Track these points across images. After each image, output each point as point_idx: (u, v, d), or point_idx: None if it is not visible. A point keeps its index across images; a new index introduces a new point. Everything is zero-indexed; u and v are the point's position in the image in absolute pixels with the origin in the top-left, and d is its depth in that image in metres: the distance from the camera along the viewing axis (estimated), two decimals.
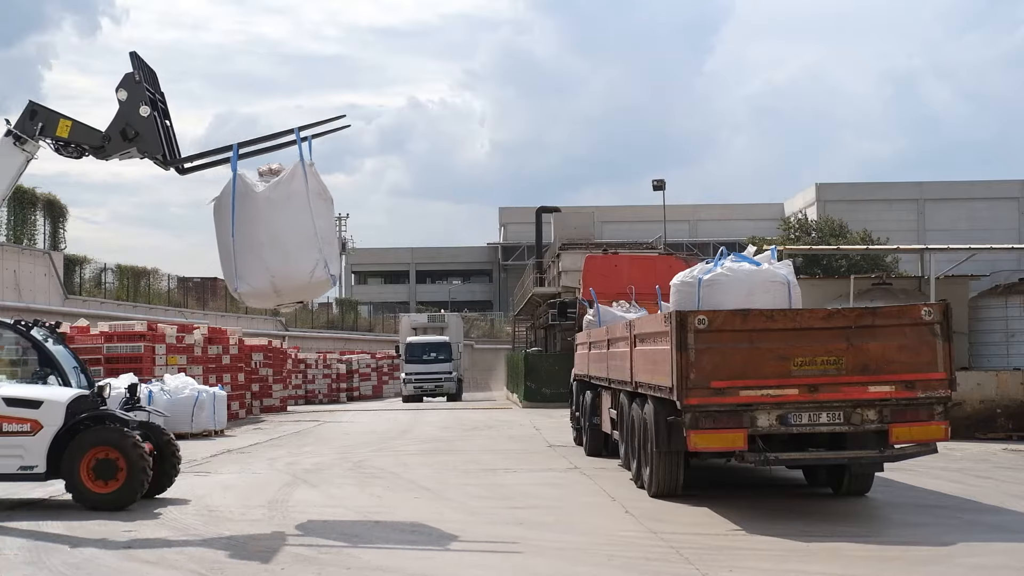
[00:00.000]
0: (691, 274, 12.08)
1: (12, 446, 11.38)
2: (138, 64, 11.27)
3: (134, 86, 11.25)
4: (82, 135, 11.40)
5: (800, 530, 10.22)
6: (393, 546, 9.67)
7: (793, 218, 55.35)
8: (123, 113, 11.23)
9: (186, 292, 48.44)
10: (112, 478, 11.41)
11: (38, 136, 11.38)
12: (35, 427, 11.42)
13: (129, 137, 11.23)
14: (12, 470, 11.45)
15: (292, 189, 10.97)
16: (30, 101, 11.56)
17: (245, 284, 10.94)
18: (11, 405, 11.47)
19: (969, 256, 25.06)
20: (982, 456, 17.05)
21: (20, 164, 11.49)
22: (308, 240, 10.87)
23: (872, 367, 10.77)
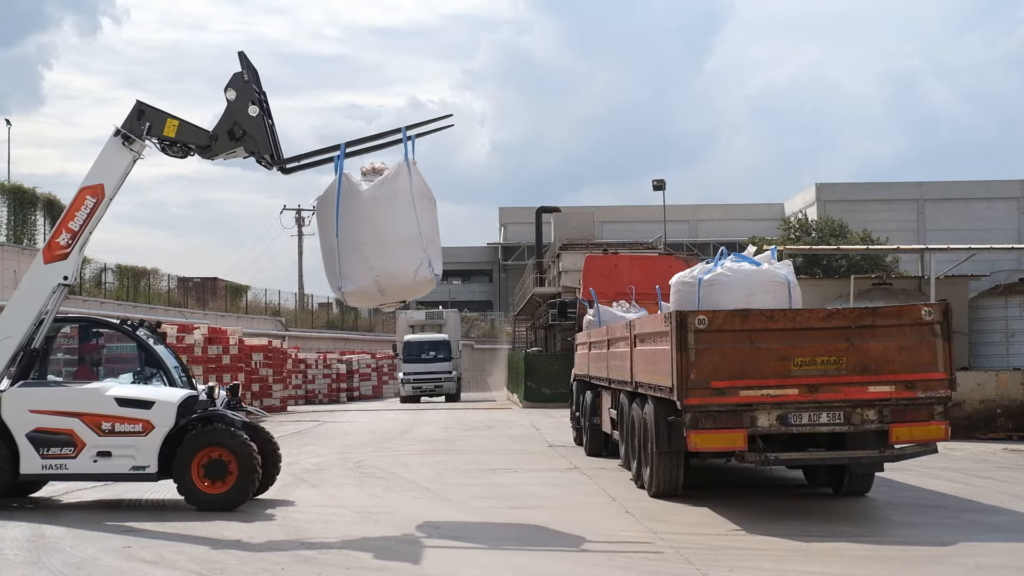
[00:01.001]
0: (691, 274, 12.09)
1: (124, 446, 11.40)
2: (245, 63, 11.33)
3: (242, 86, 11.34)
4: (189, 135, 11.53)
5: (800, 530, 10.22)
6: (393, 546, 9.67)
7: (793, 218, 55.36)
8: (231, 112, 11.34)
9: (186, 292, 48.41)
10: (223, 479, 11.38)
11: (145, 136, 11.49)
12: (147, 427, 11.44)
13: (236, 137, 11.34)
14: (124, 470, 11.47)
15: (397, 188, 11.00)
16: (137, 101, 11.65)
17: (350, 283, 10.95)
18: (123, 406, 11.50)
19: (969, 256, 25.06)
20: (982, 456, 17.05)
21: (128, 164, 11.64)
22: (412, 239, 10.91)
23: (872, 367, 10.77)
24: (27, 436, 11.41)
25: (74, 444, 11.38)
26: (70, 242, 11.56)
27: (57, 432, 11.41)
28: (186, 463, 11.35)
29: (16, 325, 11.72)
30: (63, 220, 11.64)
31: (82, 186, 11.61)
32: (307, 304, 65.87)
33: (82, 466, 11.41)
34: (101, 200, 11.57)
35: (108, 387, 11.76)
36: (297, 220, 68.73)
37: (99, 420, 11.40)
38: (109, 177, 11.58)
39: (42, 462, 11.40)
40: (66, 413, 11.45)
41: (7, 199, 34.62)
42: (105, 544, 9.70)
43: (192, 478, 11.36)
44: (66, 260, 11.58)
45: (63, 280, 11.63)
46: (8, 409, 11.48)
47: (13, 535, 10.16)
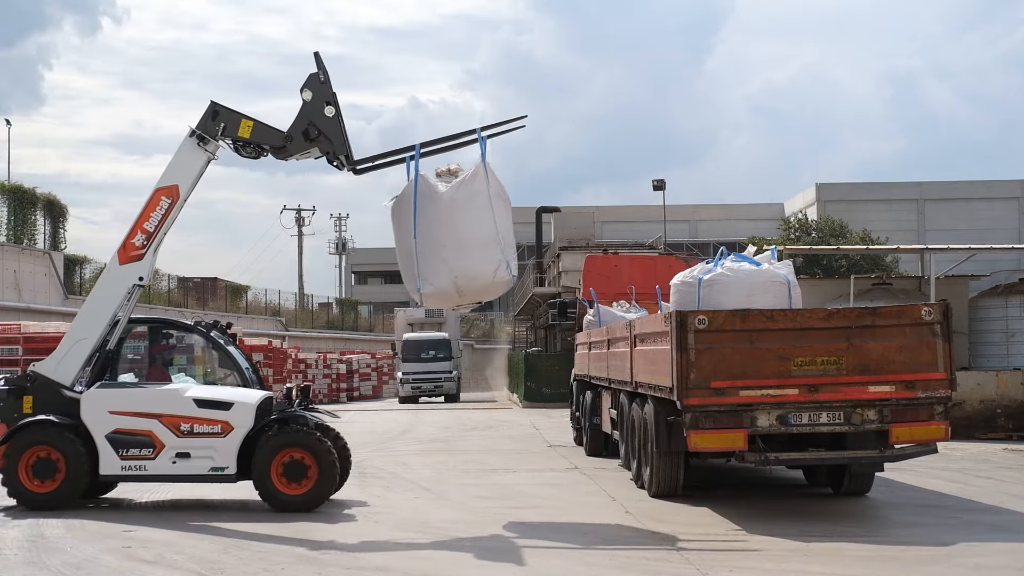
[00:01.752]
0: (691, 274, 12.08)
1: (204, 447, 11.41)
2: (320, 64, 11.38)
3: (319, 86, 11.39)
4: (264, 135, 11.58)
5: (800, 530, 10.22)
6: (393, 546, 9.67)
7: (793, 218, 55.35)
8: (306, 113, 11.37)
9: (186, 292, 48.44)
10: (302, 480, 11.34)
11: (220, 136, 11.53)
12: (226, 428, 11.43)
13: (311, 137, 11.38)
14: (203, 471, 11.47)
15: (475, 189, 11.04)
16: (212, 102, 11.68)
17: (428, 284, 10.97)
18: (202, 407, 11.50)
19: (969, 256, 25.07)
20: (982, 456, 17.05)
21: (203, 165, 11.73)
22: (490, 240, 10.95)
23: (872, 367, 10.77)
24: (106, 437, 11.42)
25: (153, 445, 11.39)
26: (145, 243, 11.63)
27: (136, 433, 11.42)
28: (265, 464, 11.31)
29: (91, 327, 11.77)
30: (138, 221, 11.68)
31: (157, 187, 11.69)
32: (307, 304, 65.92)
33: (161, 467, 11.42)
34: (176, 201, 11.66)
35: (187, 388, 11.78)
36: (297, 220, 68.83)
37: (178, 421, 11.41)
38: (184, 178, 11.68)
39: (121, 463, 11.41)
40: (145, 414, 11.46)
41: (7, 199, 34.63)
42: (105, 544, 9.70)
43: (271, 479, 11.32)
44: (141, 261, 11.63)
45: (138, 281, 11.68)
46: (88, 410, 11.50)
47: (13, 535, 10.16)
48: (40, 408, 11.57)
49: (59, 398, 11.58)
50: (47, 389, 11.62)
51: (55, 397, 11.58)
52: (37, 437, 11.40)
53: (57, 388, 11.61)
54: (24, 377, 11.89)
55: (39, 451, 11.37)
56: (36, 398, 11.61)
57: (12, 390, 11.74)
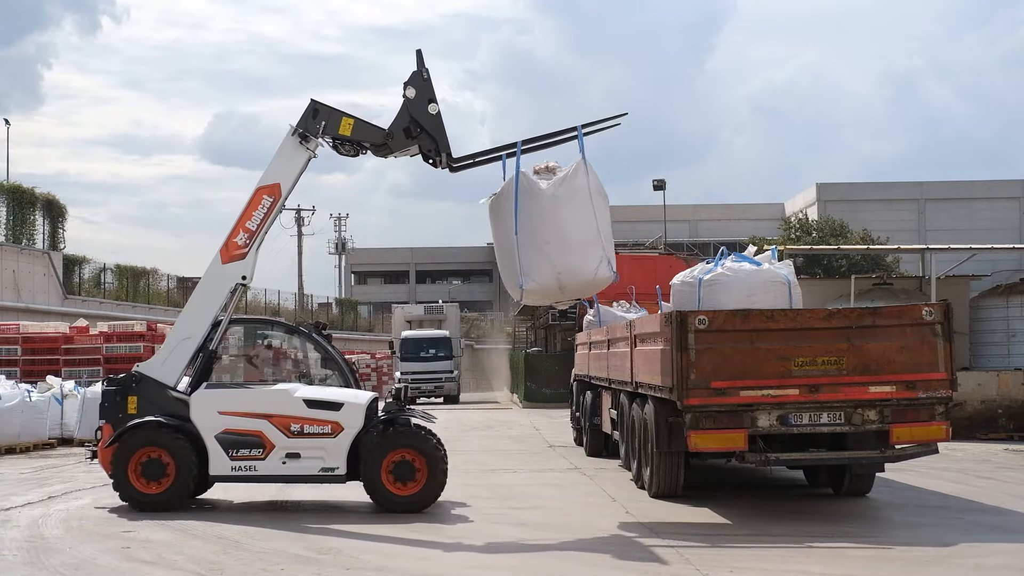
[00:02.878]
0: (691, 274, 12.07)
1: (314, 448, 11.38)
2: (422, 61, 11.41)
3: (422, 83, 11.42)
4: (364, 133, 11.61)
5: (800, 530, 10.21)
6: (393, 546, 9.65)
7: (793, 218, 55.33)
8: (408, 110, 11.38)
9: (186, 292, 48.33)
10: (411, 480, 11.31)
11: (321, 134, 11.51)
12: (336, 429, 11.40)
13: (412, 135, 11.39)
14: (314, 471, 11.44)
15: (576, 186, 11.05)
16: (312, 100, 11.67)
17: (531, 281, 10.99)
18: (312, 407, 11.47)
19: (969, 256, 25.06)
20: (983, 456, 17.03)
21: (303, 163, 11.71)
22: (592, 237, 10.97)
23: (873, 367, 10.75)
24: (216, 438, 11.40)
25: (263, 446, 11.36)
26: (248, 241, 11.64)
27: (246, 434, 11.39)
28: (376, 465, 11.27)
29: (195, 326, 11.76)
30: (240, 220, 11.69)
31: (258, 186, 11.68)
32: (307, 304, 65.94)
33: (271, 468, 11.39)
34: (278, 199, 11.66)
35: (296, 389, 11.75)
36: (297, 220, 68.79)
37: (288, 422, 11.38)
38: (285, 176, 11.67)
39: (231, 464, 11.39)
40: (255, 415, 11.42)
41: (6, 199, 34.65)
42: (104, 544, 9.68)
43: (382, 480, 11.29)
44: (244, 260, 11.63)
45: (241, 280, 11.67)
46: (197, 411, 11.48)
47: (12, 536, 10.14)
48: (144, 408, 11.55)
49: (164, 398, 11.58)
50: (152, 389, 11.61)
51: (160, 397, 11.58)
52: (146, 438, 11.36)
53: (162, 388, 11.60)
54: (128, 377, 11.83)
55: (148, 452, 11.33)
56: (141, 398, 11.60)
57: (117, 390, 11.71)
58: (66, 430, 20.53)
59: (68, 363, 25.19)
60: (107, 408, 11.76)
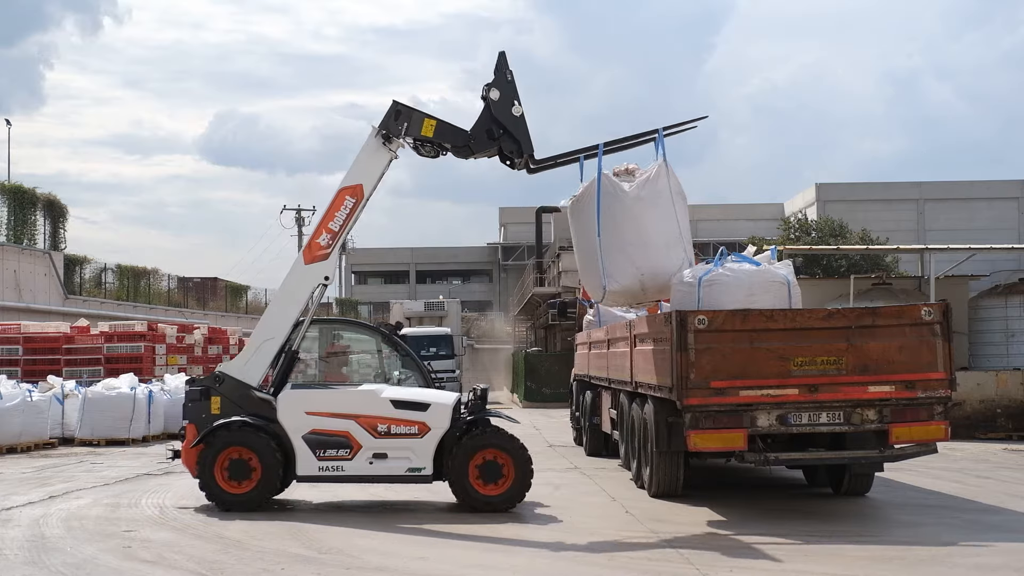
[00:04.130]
0: (691, 274, 12.09)
1: (401, 448, 11.43)
2: (505, 63, 11.46)
3: (506, 85, 11.47)
4: (447, 135, 11.65)
5: (800, 530, 10.23)
6: (393, 546, 9.67)
7: (793, 218, 55.32)
8: (492, 112, 11.43)
9: (186, 292, 48.46)
10: (498, 480, 11.36)
11: (403, 135, 11.57)
12: (423, 429, 11.44)
13: (494, 136, 11.43)
14: (400, 472, 11.48)
15: (658, 188, 11.24)
16: (394, 101, 11.74)
17: (614, 282, 11.11)
18: (399, 408, 11.51)
19: (969, 256, 25.06)
20: (982, 456, 17.05)
21: (385, 164, 11.77)
22: (674, 238, 11.22)
23: (872, 367, 10.77)
24: (303, 438, 11.45)
25: (350, 446, 11.41)
26: (330, 242, 11.72)
27: (333, 434, 11.44)
28: (463, 465, 11.31)
29: (277, 327, 11.84)
30: (323, 221, 11.76)
31: (341, 186, 11.76)
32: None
33: (358, 468, 11.44)
34: (360, 200, 11.71)
35: (383, 389, 11.77)
36: (297, 220, 68.70)
37: (375, 422, 11.43)
38: (368, 177, 11.74)
39: (318, 464, 11.44)
40: (342, 415, 11.47)
41: (7, 199, 34.67)
42: (105, 544, 9.70)
43: (469, 480, 11.33)
44: (327, 260, 11.73)
45: (324, 280, 11.74)
46: (285, 411, 11.53)
47: (13, 535, 10.16)
48: (228, 409, 11.61)
49: (248, 399, 11.64)
50: (235, 390, 11.67)
51: (243, 398, 11.64)
52: (233, 438, 11.41)
53: (246, 389, 11.66)
54: (212, 378, 11.90)
55: (234, 452, 11.39)
56: (224, 399, 11.66)
57: (200, 391, 11.76)
58: (67, 430, 20.55)
59: (69, 363, 25.24)
60: (190, 408, 11.82)
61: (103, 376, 23.63)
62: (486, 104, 11.47)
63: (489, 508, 11.29)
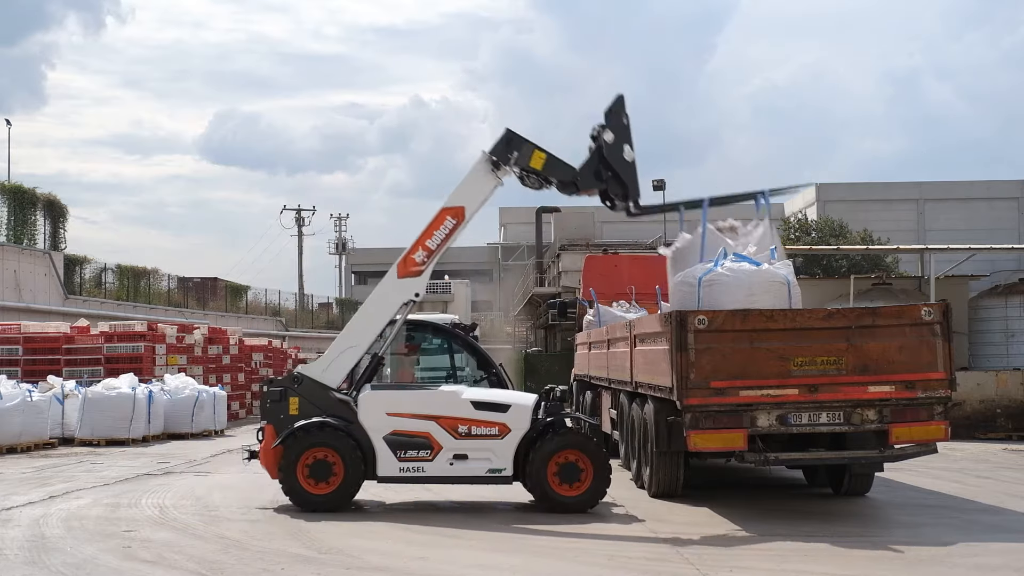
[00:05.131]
0: (691, 274, 12.09)
1: (482, 449, 11.45)
2: (622, 106, 11.51)
3: (622, 129, 11.53)
4: (555, 170, 11.70)
5: (800, 530, 10.23)
6: (393, 546, 9.67)
7: (793, 218, 55.31)
8: (603, 154, 11.50)
9: (186, 292, 48.43)
10: (576, 481, 11.36)
11: (512, 164, 11.61)
12: (503, 431, 11.45)
13: (602, 178, 11.51)
14: (481, 472, 11.51)
15: (763, 246, 11.62)
16: (507, 129, 11.77)
17: None
18: (479, 409, 11.52)
19: (969, 256, 25.08)
20: (982, 456, 17.06)
21: (491, 190, 11.84)
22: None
23: (872, 367, 10.77)
24: (384, 439, 11.46)
25: (431, 447, 11.42)
26: (425, 260, 11.79)
27: (414, 435, 11.46)
28: (542, 466, 11.31)
29: (362, 336, 11.92)
30: (421, 237, 11.82)
31: (444, 206, 11.78)
32: (307, 304, 65.94)
33: (439, 469, 11.45)
34: (460, 222, 11.78)
35: (463, 390, 11.80)
36: (297, 220, 68.81)
37: (455, 423, 11.44)
38: (471, 200, 11.80)
39: (399, 465, 11.45)
40: (423, 416, 11.49)
41: (7, 199, 34.66)
42: (105, 544, 9.71)
43: (548, 481, 11.33)
44: (419, 277, 11.79)
45: (414, 297, 11.82)
46: (365, 412, 11.56)
47: (13, 535, 10.17)
48: (306, 410, 11.63)
49: (326, 400, 11.66)
50: (314, 391, 11.69)
51: (322, 399, 11.66)
52: (315, 439, 11.43)
53: (324, 390, 11.69)
54: (290, 379, 11.92)
55: (316, 453, 11.41)
56: (302, 400, 11.68)
57: (279, 392, 11.77)
58: (67, 430, 20.56)
59: (69, 363, 25.23)
60: (269, 409, 11.82)
61: (103, 376, 23.62)
62: (598, 145, 11.52)
63: (567, 509, 11.28)
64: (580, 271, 23.94)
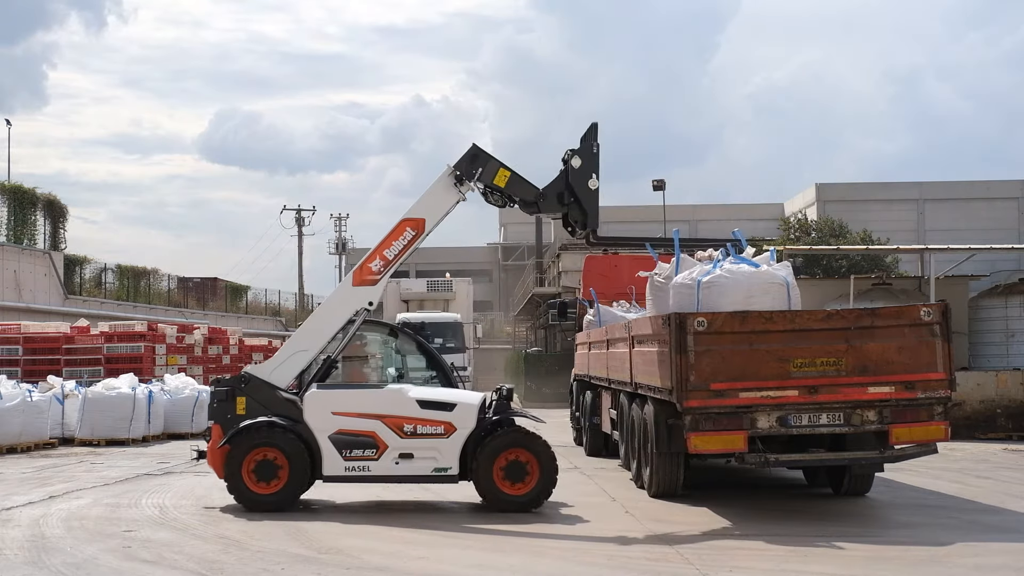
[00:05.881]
0: (690, 275, 12.09)
1: (428, 448, 11.44)
2: (595, 134, 11.56)
3: (591, 157, 11.55)
4: (518, 188, 11.73)
5: (800, 530, 10.24)
6: (393, 545, 9.68)
7: (793, 218, 55.31)
8: (568, 179, 11.54)
9: (186, 292, 48.48)
10: (523, 480, 11.37)
11: (476, 180, 11.63)
12: (449, 429, 11.44)
13: (564, 202, 11.54)
14: (427, 472, 11.50)
15: None
16: (473, 144, 11.81)
17: None
18: (425, 408, 11.52)
19: (969, 256, 25.07)
20: (982, 456, 17.06)
21: (452, 204, 11.84)
22: None
23: (872, 368, 10.77)
24: (330, 438, 11.45)
25: (376, 446, 11.41)
26: (382, 269, 11.74)
27: (359, 434, 11.45)
28: (488, 465, 11.33)
29: (313, 341, 11.91)
30: (379, 247, 11.80)
31: (404, 217, 11.80)
32: (307, 304, 65.90)
33: (384, 468, 11.44)
34: (420, 234, 11.77)
35: (409, 389, 11.79)
36: (297, 220, 68.80)
37: (401, 422, 11.43)
38: (432, 213, 11.79)
39: (344, 464, 11.44)
40: (368, 415, 11.47)
41: (7, 199, 34.70)
42: (105, 544, 9.71)
43: (494, 480, 11.35)
44: (374, 287, 11.74)
45: (367, 305, 11.76)
46: (311, 411, 11.54)
47: (13, 535, 10.17)
48: (253, 409, 11.61)
49: (274, 399, 11.64)
50: (261, 391, 11.67)
51: (269, 398, 11.64)
52: (260, 439, 11.42)
53: (272, 389, 11.67)
54: (238, 379, 11.92)
55: (262, 453, 11.40)
56: (250, 399, 11.67)
57: (226, 391, 11.76)
58: (67, 430, 20.56)
59: (69, 363, 25.27)
60: (216, 408, 11.80)
61: (103, 376, 23.64)
62: (565, 169, 11.56)
63: (514, 508, 11.29)
64: (580, 271, 23.93)
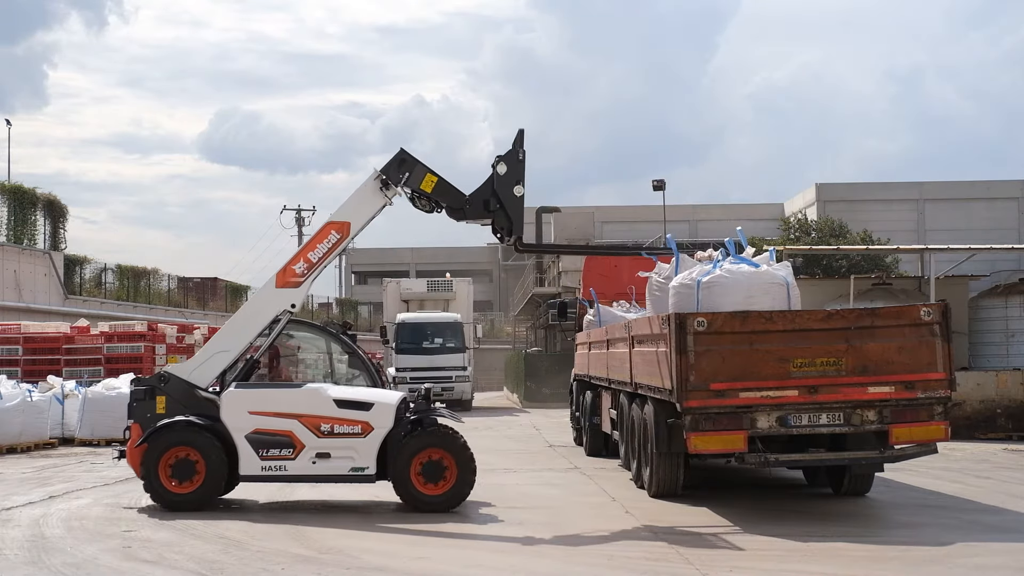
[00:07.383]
0: (690, 275, 12.10)
1: (344, 447, 11.42)
2: (521, 142, 11.54)
3: (516, 164, 11.53)
4: (444, 194, 11.73)
5: (800, 530, 10.24)
6: (393, 546, 9.68)
7: (793, 218, 55.31)
8: (494, 185, 11.53)
9: (186, 292, 48.46)
10: (441, 480, 11.36)
11: (402, 184, 11.62)
12: (366, 429, 11.43)
13: (491, 209, 11.54)
14: (343, 471, 11.49)
15: None
16: (400, 149, 11.81)
17: None
18: (342, 407, 11.50)
19: (969, 256, 25.07)
20: (982, 456, 17.06)
21: (378, 208, 11.84)
22: None
23: (872, 368, 10.77)
24: (246, 438, 11.44)
25: (293, 446, 11.40)
26: (305, 272, 11.74)
27: (276, 434, 11.43)
28: (405, 465, 11.31)
29: (234, 342, 11.88)
30: (303, 249, 11.82)
31: (329, 220, 11.81)
32: (307, 304, 65.92)
33: (301, 468, 11.43)
34: (344, 238, 11.78)
35: (326, 388, 11.77)
36: (297, 220, 68.74)
37: (318, 421, 11.42)
38: (357, 217, 11.79)
39: (261, 464, 11.43)
40: (285, 415, 11.46)
41: (7, 199, 34.68)
42: (105, 544, 9.71)
43: (411, 480, 11.34)
44: (297, 289, 11.73)
45: (290, 308, 11.76)
46: (228, 410, 11.52)
47: (13, 535, 10.18)
48: (173, 408, 11.61)
49: (193, 398, 11.63)
50: (180, 389, 11.66)
51: (189, 397, 11.63)
52: (177, 438, 11.42)
53: (191, 388, 11.66)
54: (157, 377, 11.91)
55: (178, 452, 11.39)
56: (169, 398, 11.66)
57: (145, 390, 11.76)
58: (67, 430, 20.56)
59: (69, 363, 25.24)
60: (135, 408, 11.82)
61: (103, 376, 23.62)
62: (491, 176, 11.55)
63: (431, 508, 11.26)
64: (580, 271, 23.94)
